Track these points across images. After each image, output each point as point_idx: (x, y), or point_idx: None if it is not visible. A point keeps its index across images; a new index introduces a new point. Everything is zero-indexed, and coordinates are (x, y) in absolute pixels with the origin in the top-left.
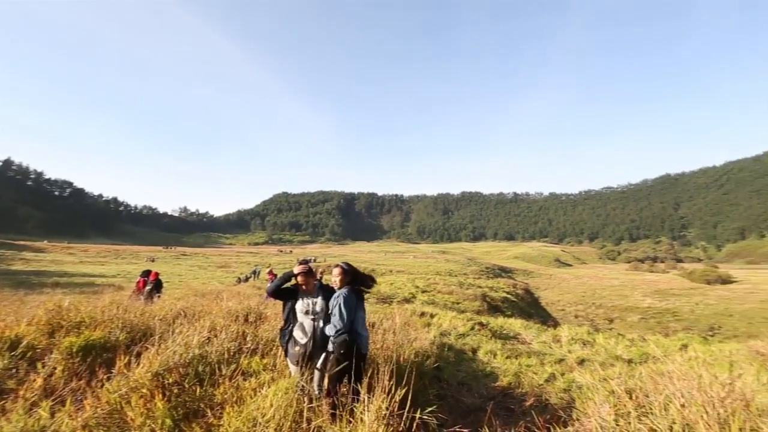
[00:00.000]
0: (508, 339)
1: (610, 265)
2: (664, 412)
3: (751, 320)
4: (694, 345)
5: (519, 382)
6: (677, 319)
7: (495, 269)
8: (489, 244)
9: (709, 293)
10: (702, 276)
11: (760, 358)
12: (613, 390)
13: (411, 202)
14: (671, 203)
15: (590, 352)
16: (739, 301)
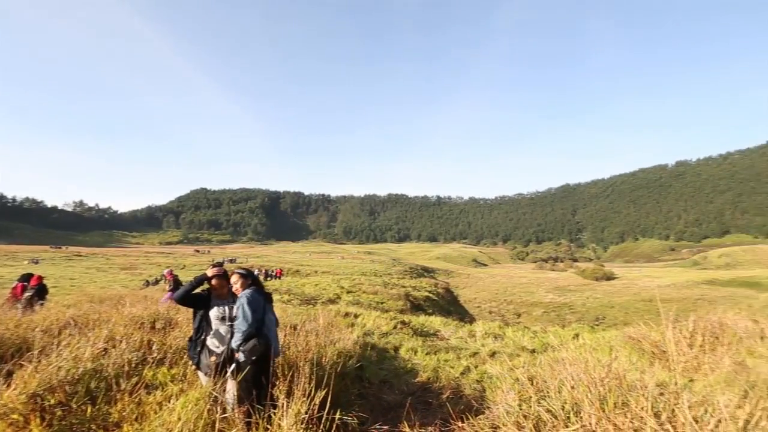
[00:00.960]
0: (429, 336)
1: (519, 265)
2: (558, 394)
3: (627, 310)
4: (584, 334)
5: (437, 376)
6: (572, 312)
7: (418, 269)
8: (413, 245)
9: (597, 288)
10: (592, 274)
11: (632, 342)
12: (518, 378)
13: (338, 203)
14: (570, 210)
15: (501, 344)
16: (618, 294)
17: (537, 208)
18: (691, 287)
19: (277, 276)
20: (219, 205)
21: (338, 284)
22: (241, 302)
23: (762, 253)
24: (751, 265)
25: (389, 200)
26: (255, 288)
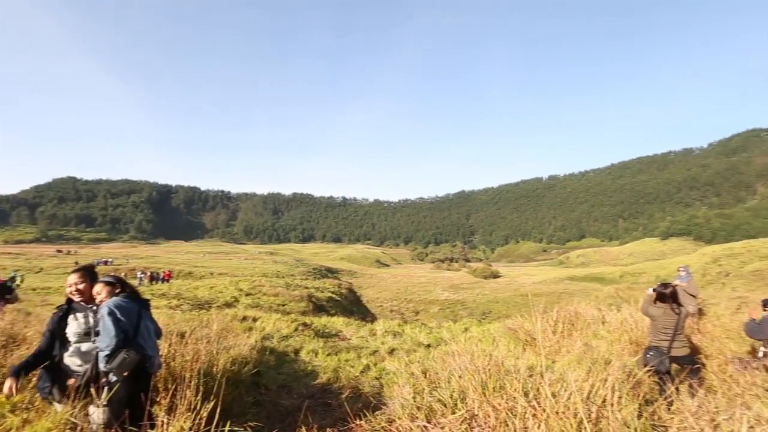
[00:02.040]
0: (331, 337)
1: (419, 265)
2: (447, 384)
3: (508, 304)
4: (473, 327)
5: (338, 376)
6: (465, 308)
7: (322, 270)
8: (318, 246)
9: (485, 286)
10: (481, 273)
11: (510, 332)
12: (413, 372)
13: (239, 200)
14: (464, 214)
15: (400, 341)
16: (502, 291)
17: (436, 212)
18: (557, 283)
19: (165, 279)
20: (93, 197)
21: (236, 287)
22: (102, 313)
23: (607, 254)
24: (599, 264)
25: (294, 199)
26: (125, 294)
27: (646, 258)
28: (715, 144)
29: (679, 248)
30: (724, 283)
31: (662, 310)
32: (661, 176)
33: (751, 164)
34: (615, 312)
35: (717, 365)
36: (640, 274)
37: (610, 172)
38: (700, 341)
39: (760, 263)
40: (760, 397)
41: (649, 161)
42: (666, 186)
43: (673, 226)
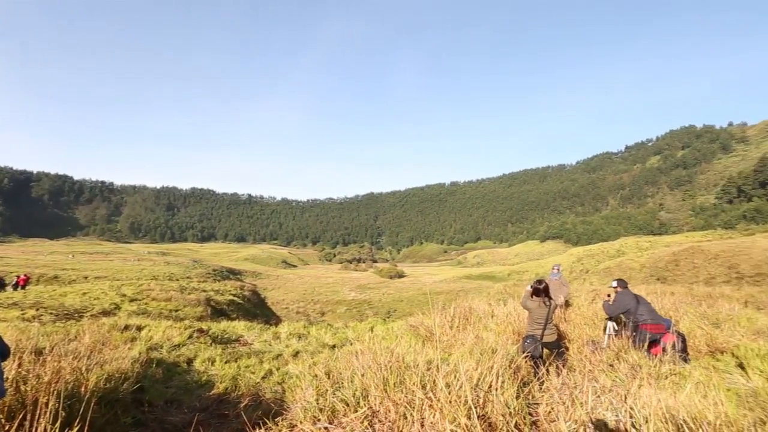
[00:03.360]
0: (231, 342)
1: (327, 266)
2: (351, 383)
3: (412, 303)
4: (378, 326)
5: (236, 385)
6: (371, 307)
7: (223, 271)
8: (219, 245)
9: (391, 285)
10: (387, 273)
11: (412, 329)
12: (316, 374)
13: (125, 193)
14: (372, 216)
15: (305, 343)
16: (406, 290)
17: (345, 212)
18: (456, 281)
19: (20, 285)
20: None
21: (118, 292)
22: None
23: (498, 255)
24: (491, 264)
25: (193, 195)
26: None
27: (529, 258)
28: (580, 162)
29: (554, 249)
30: (585, 278)
31: (537, 303)
32: (541, 187)
33: (605, 180)
34: (502, 306)
35: (576, 348)
36: (523, 272)
37: (502, 181)
38: (566, 328)
39: (610, 261)
40: (605, 371)
41: (532, 173)
42: (545, 196)
43: (549, 230)
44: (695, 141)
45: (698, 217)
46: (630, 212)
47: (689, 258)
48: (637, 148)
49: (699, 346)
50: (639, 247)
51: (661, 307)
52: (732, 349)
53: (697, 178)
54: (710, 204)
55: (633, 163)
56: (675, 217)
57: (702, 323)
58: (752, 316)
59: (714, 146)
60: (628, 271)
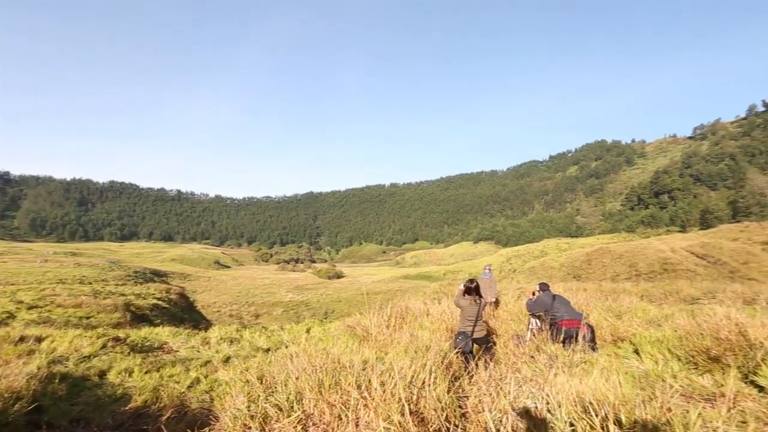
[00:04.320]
0: (152, 351)
1: (263, 266)
2: (284, 387)
3: (350, 303)
4: (315, 327)
5: (158, 396)
6: (309, 308)
7: (146, 273)
8: (141, 245)
9: (329, 286)
10: (326, 273)
11: (349, 329)
12: (248, 380)
13: (24, 185)
14: (312, 215)
15: (237, 348)
16: (345, 290)
17: (283, 211)
18: (393, 281)
19: None
20: None
21: (12, 298)
22: None
23: (434, 255)
24: (428, 264)
25: (111, 189)
26: None
27: (463, 258)
28: (510, 169)
29: (486, 250)
30: (513, 277)
31: (468, 302)
32: (475, 191)
33: (532, 186)
34: (437, 305)
35: (503, 342)
36: (458, 271)
37: (439, 184)
38: (495, 324)
39: (534, 261)
40: (527, 362)
41: (468, 178)
42: (478, 199)
43: (482, 232)
44: (606, 154)
45: (607, 221)
46: (552, 216)
47: (599, 258)
48: (559, 157)
49: (605, 336)
50: (559, 248)
51: (576, 303)
52: (630, 337)
53: (607, 186)
54: (617, 210)
55: (556, 171)
56: (589, 222)
57: (607, 316)
58: (646, 308)
59: (620, 159)
60: (549, 270)
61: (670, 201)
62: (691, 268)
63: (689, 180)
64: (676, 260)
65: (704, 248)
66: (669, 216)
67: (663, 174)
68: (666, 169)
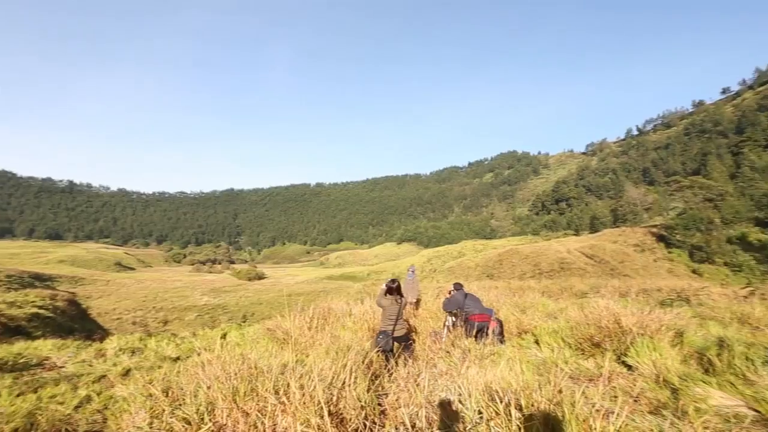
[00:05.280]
0: (29, 368)
1: (175, 268)
2: (194, 398)
3: (272, 305)
4: (232, 332)
5: (34, 422)
6: (226, 312)
7: (25, 277)
8: (18, 244)
9: (249, 288)
10: (246, 274)
11: (269, 333)
12: (151, 393)
13: None
14: (231, 213)
15: (140, 359)
16: (266, 292)
17: (200, 208)
18: (317, 282)
19: None
20: None
21: None
22: None
23: (359, 256)
24: (352, 264)
25: None
26: None
27: (387, 259)
28: (433, 173)
29: (408, 251)
30: (433, 277)
31: (390, 301)
32: (400, 193)
33: (452, 191)
34: (360, 305)
35: (422, 339)
36: (381, 272)
37: (365, 185)
38: (415, 323)
39: (453, 262)
40: (443, 357)
41: (393, 180)
42: (402, 201)
43: (405, 233)
44: (517, 163)
45: (517, 225)
46: (470, 219)
47: (509, 258)
48: (477, 165)
49: (512, 329)
50: (475, 249)
51: (488, 299)
52: (532, 329)
53: (517, 193)
54: (525, 215)
55: (473, 177)
56: (501, 225)
57: (514, 311)
58: (546, 303)
59: (528, 169)
60: (466, 269)
61: (567, 208)
62: (582, 266)
63: (582, 190)
64: (571, 260)
65: (592, 249)
66: (566, 221)
67: (562, 184)
68: (564, 180)
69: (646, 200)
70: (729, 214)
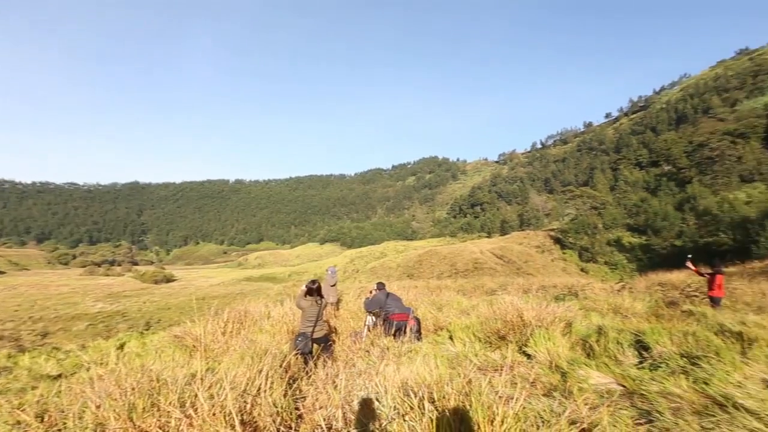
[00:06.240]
0: None
1: (61, 270)
2: (79, 421)
3: (182, 310)
4: (132, 342)
5: None
6: (126, 320)
7: None
8: None
9: (155, 292)
10: (152, 277)
11: (177, 340)
12: (19, 420)
13: None
14: (136, 209)
15: (7, 380)
16: (176, 296)
17: (96, 202)
18: (235, 284)
19: None
20: None
21: None
22: None
23: (280, 256)
24: (273, 265)
25: None
26: None
27: (309, 259)
28: (358, 174)
29: (331, 252)
30: (356, 277)
31: (310, 303)
32: (324, 193)
33: (376, 192)
34: (279, 307)
35: (342, 340)
36: (303, 273)
37: (288, 184)
38: (336, 323)
39: (375, 262)
40: (362, 357)
41: (317, 180)
42: (326, 202)
43: (328, 233)
44: (437, 168)
45: (436, 227)
46: (392, 221)
47: (429, 259)
48: (400, 168)
49: (429, 326)
50: (397, 250)
51: (408, 299)
52: (447, 325)
53: (437, 197)
54: (444, 217)
55: (397, 180)
56: (422, 227)
57: (431, 309)
58: (460, 300)
59: (448, 174)
60: (388, 270)
61: (481, 212)
62: (493, 266)
63: (494, 195)
64: (484, 260)
65: (502, 250)
66: (480, 224)
67: (477, 189)
68: (480, 186)
69: (547, 207)
70: (609, 220)
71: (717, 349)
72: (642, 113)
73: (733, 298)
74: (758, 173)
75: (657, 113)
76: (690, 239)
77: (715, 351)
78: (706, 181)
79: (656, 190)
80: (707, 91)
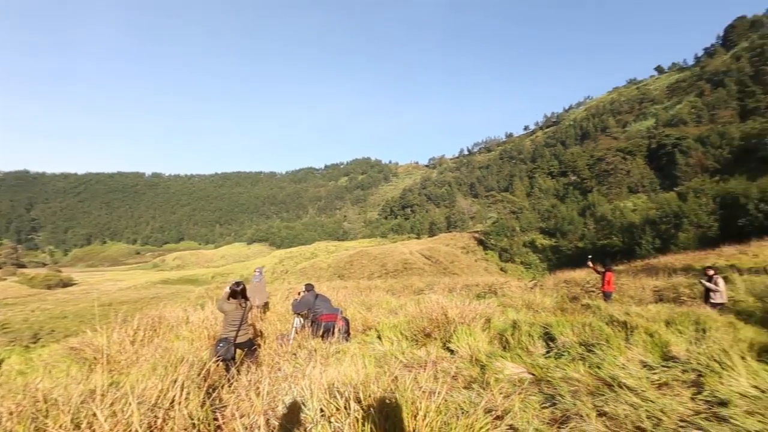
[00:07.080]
0: None
1: None
2: None
3: (82, 318)
4: (12, 358)
5: None
6: (7, 332)
7: None
8: None
9: (48, 298)
10: (44, 281)
11: (74, 353)
12: None
13: None
14: (24, 203)
15: None
16: (75, 302)
17: None
18: (149, 287)
19: None
20: None
21: None
22: None
23: (202, 257)
24: (194, 266)
25: None
26: None
27: (235, 260)
28: (289, 173)
29: (259, 252)
30: (285, 278)
31: (234, 306)
32: (252, 191)
33: (308, 192)
34: (200, 312)
35: (267, 343)
36: (228, 274)
37: (213, 180)
38: (262, 326)
39: (306, 263)
40: (289, 360)
41: (245, 176)
42: (255, 200)
43: (256, 233)
44: (370, 170)
45: (367, 227)
46: (324, 221)
47: (360, 259)
48: (333, 168)
49: (358, 326)
50: (328, 250)
51: (337, 299)
52: (376, 325)
53: (369, 198)
54: (375, 218)
55: (329, 180)
56: (353, 227)
57: (361, 309)
58: (389, 300)
59: (380, 176)
60: (318, 270)
61: (411, 213)
62: (422, 266)
63: (424, 198)
64: (413, 260)
65: (430, 251)
66: (410, 225)
67: (408, 192)
68: (410, 188)
69: (472, 210)
70: (525, 224)
71: (607, 336)
72: (554, 128)
73: (621, 292)
74: (641, 186)
75: (566, 129)
76: (590, 241)
77: (606, 339)
78: (603, 191)
79: (564, 197)
80: (605, 112)
